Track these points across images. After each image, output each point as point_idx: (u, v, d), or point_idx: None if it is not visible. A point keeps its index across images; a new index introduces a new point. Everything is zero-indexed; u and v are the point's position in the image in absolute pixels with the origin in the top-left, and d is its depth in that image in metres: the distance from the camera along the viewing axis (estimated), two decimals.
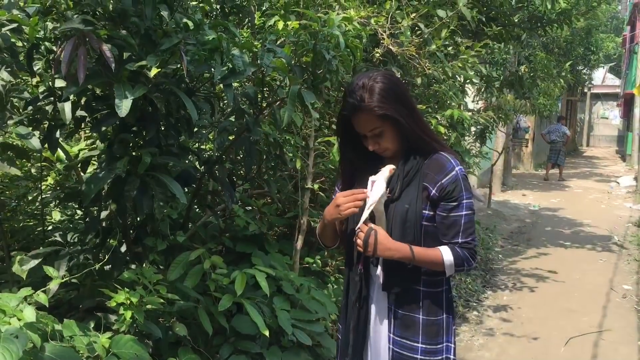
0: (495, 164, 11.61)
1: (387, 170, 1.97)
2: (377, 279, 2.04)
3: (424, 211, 1.94)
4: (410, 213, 1.93)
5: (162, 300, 2.62)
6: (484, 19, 6.01)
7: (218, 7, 4.13)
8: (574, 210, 11.40)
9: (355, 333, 2.07)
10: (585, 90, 30.47)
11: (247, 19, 4.23)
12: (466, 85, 6.81)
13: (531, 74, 7.26)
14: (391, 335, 2.02)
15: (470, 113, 5.96)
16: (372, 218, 1.96)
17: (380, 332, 2.05)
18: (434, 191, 1.93)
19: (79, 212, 3.63)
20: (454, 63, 4.70)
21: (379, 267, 2.00)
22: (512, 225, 9.77)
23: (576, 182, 15.99)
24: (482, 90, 7.37)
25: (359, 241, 1.92)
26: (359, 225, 1.94)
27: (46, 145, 2.59)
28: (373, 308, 2.07)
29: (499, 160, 11.70)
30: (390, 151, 1.99)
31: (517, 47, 7.83)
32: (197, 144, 3.76)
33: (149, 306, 2.63)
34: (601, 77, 32.56)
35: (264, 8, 3.97)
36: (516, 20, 7.09)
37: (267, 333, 2.86)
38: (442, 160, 1.96)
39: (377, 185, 1.94)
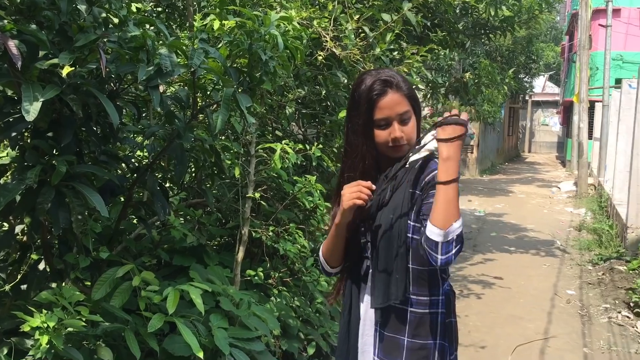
0: None
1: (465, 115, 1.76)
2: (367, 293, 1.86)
3: (409, 222, 1.75)
4: (394, 221, 1.76)
5: (83, 323, 2.38)
6: (429, 25, 5.97)
7: (152, 7, 3.92)
8: (517, 215, 11.57)
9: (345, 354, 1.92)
10: (527, 97, 31.39)
11: (187, 22, 4.02)
12: None
13: (476, 81, 7.30)
14: (375, 358, 1.83)
15: None
16: (369, 217, 1.81)
17: (367, 353, 1.88)
18: (418, 192, 1.76)
19: (6, 224, 3.33)
20: (399, 68, 4.61)
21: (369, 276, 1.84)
22: None
23: (519, 188, 16.32)
24: (428, 96, 7.36)
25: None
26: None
27: None
28: (361, 326, 1.89)
29: None
30: (409, 144, 1.79)
31: (462, 55, 7.88)
32: (128, 151, 3.52)
33: (69, 329, 2.39)
34: (541, 85, 33.63)
35: (204, 10, 3.77)
36: (460, 27, 7.12)
37: (201, 355, 2.64)
38: (429, 162, 1.81)
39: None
